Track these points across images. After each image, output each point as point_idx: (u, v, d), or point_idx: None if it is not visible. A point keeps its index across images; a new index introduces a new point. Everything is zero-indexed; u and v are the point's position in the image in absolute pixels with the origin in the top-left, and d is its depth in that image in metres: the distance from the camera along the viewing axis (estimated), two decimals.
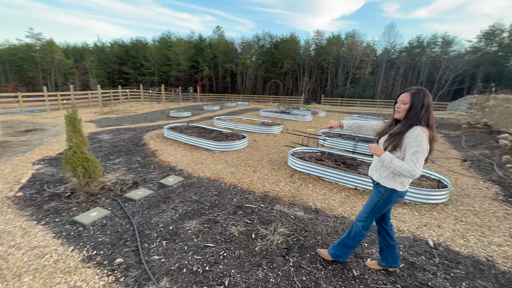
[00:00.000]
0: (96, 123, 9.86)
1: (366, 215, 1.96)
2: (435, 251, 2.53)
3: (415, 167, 1.59)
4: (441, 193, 3.62)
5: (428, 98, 1.67)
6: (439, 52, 33.08)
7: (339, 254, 2.17)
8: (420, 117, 1.66)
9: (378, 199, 1.87)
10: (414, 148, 1.61)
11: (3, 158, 5.17)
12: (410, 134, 1.63)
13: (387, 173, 1.81)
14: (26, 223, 2.80)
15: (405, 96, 1.70)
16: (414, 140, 1.61)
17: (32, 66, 38.17)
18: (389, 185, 1.79)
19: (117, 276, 2.05)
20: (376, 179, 1.88)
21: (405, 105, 1.70)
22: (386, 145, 1.76)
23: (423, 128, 1.63)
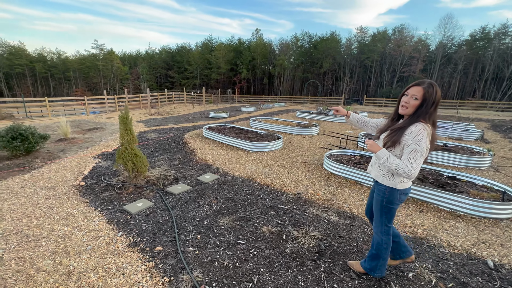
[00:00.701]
0: (145, 123, 10.86)
1: (378, 221, 1.86)
2: (496, 274, 2.18)
3: (411, 167, 1.50)
4: (507, 207, 3.10)
5: (439, 93, 1.53)
6: (511, 44, 28.32)
7: (370, 268, 2.00)
8: (429, 114, 1.54)
9: (381, 199, 1.77)
10: (412, 147, 1.51)
11: (71, 152, 6.05)
12: (410, 131, 1.53)
13: (385, 171, 1.73)
14: (86, 209, 3.24)
15: (418, 90, 1.54)
16: (413, 139, 1.51)
17: (96, 73, 43.88)
18: (388, 184, 1.70)
19: (156, 262, 2.24)
20: (375, 176, 1.81)
21: (416, 101, 1.55)
22: (385, 141, 1.66)
23: (424, 126, 1.52)
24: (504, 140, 7.99)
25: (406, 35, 33.01)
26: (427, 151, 1.56)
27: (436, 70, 31.36)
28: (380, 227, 1.87)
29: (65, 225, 2.84)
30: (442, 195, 3.35)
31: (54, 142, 7.00)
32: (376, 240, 1.92)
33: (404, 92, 1.63)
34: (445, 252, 2.46)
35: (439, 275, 2.13)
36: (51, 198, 3.52)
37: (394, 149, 1.63)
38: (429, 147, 1.56)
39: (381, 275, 2.01)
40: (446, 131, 8.57)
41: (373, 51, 32.74)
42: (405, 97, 1.61)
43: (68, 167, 4.87)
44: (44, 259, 2.27)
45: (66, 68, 45.45)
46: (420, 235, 2.75)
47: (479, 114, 15.78)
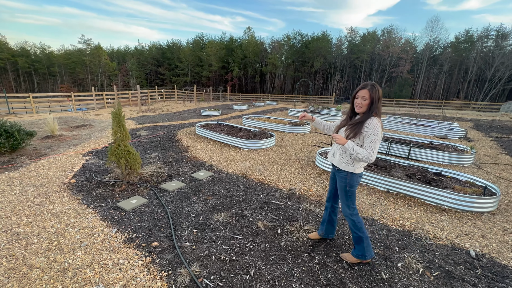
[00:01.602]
0: (135, 120, 10.68)
1: (345, 205, 2.14)
2: (477, 262, 2.32)
3: (372, 153, 1.84)
4: (488, 201, 3.29)
5: (381, 92, 1.91)
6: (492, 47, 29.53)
7: (362, 253, 2.15)
8: (377, 109, 1.90)
9: (344, 184, 2.08)
10: (372, 137, 1.84)
11: (59, 149, 5.90)
12: (369, 124, 1.87)
13: (347, 159, 2.03)
14: (78, 206, 3.19)
15: (365, 92, 1.89)
16: (372, 130, 1.85)
17: (82, 69, 42.55)
18: (349, 169, 2.02)
19: (153, 257, 2.25)
20: (337, 164, 2.09)
21: (366, 101, 1.90)
22: (347, 133, 1.98)
23: (378, 119, 1.88)
24: (485, 138, 8.37)
25: (395, 36, 33.83)
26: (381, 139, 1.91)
27: (423, 71, 32.31)
28: (348, 210, 2.14)
29: (57, 223, 2.79)
30: (429, 191, 3.51)
31: (41, 139, 6.79)
32: (350, 224, 2.16)
33: (355, 95, 1.96)
34: (431, 244, 2.59)
35: (425, 265, 2.25)
36: (40, 196, 3.44)
37: (355, 139, 1.95)
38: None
39: (371, 256, 2.17)
40: (432, 130, 8.89)
41: (363, 51, 33.35)
42: (357, 99, 1.94)
43: (57, 165, 4.75)
44: (37, 256, 2.23)
45: (51, 63, 43.85)
46: (408, 228, 2.88)
47: (463, 114, 16.42)
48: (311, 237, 2.56)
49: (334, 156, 2.13)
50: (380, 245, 2.51)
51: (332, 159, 2.17)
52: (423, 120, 10.98)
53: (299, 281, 2.01)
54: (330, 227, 2.45)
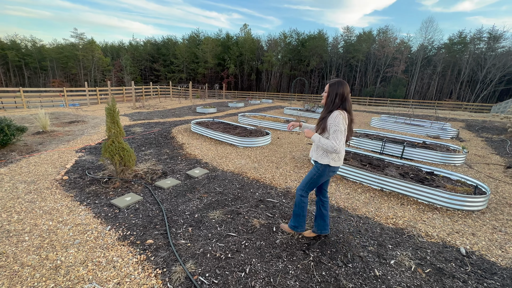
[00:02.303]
0: (130, 117, 10.55)
1: (303, 185, 2.35)
2: (467, 259, 2.38)
3: (335, 143, 1.99)
4: (478, 200, 3.36)
5: (343, 88, 2.04)
6: (484, 49, 30.05)
7: (295, 225, 2.47)
8: (336, 104, 2.04)
9: (314, 173, 2.27)
10: (334, 128, 2.01)
11: (51, 145, 5.79)
12: (330, 117, 2.04)
13: (321, 152, 2.19)
14: (71, 203, 3.14)
15: (327, 87, 2.09)
16: (333, 122, 2.01)
17: (75, 64, 41.69)
18: (324, 162, 2.17)
19: (148, 255, 2.23)
20: (315, 158, 2.26)
21: (325, 94, 2.11)
22: (317, 129, 2.17)
23: (340, 111, 2.02)
24: (476, 139, 8.54)
25: (390, 36, 34.10)
26: (345, 131, 2.06)
27: (417, 71, 32.71)
28: (302, 190, 2.35)
29: (49, 220, 2.75)
30: (421, 189, 3.57)
31: (32, 134, 6.66)
32: (297, 201, 2.39)
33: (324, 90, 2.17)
34: (423, 241, 2.64)
35: (418, 262, 2.29)
36: (32, 193, 3.38)
37: (325, 134, 2.10)
38: (346, 128, 2.07)
39: (302, 231, 2.50)
40: (425, 130, 9.02)
41: (359, 50, 33.55)
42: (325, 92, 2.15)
43: (49, 161, 4.67)
44: (29, 254, 2.20)
45: (42, 57, 42.84)
46: (401, 226, 2.93)
47: (455, 115, 16.70)
48: (306, 235, 2.59)
49: (313, 151, 2.32)
50: (373, 243, 2.54)
51: (311, 154, 2.35)
52: (416, 120, 11.13)
53: (294, 278, 2.03)
54: (322, 222, 2.51)
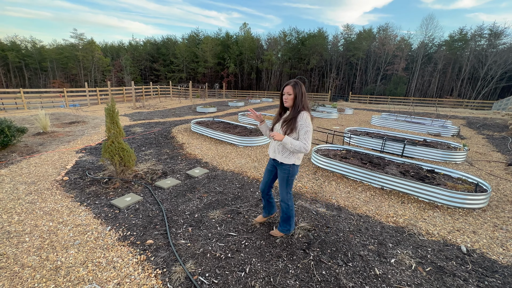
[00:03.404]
0: (130, 117, 10.55)
1: (285, 194, 2.35)
2: (468, 258, 2.37)
3: (307, 143, 2.04)
4: (479, 198, 3.35)
5: (303, 87, 2.13)
6: (485, 46, 29.86)
7: (288, 228, 2.49)
8: (303, 103, 2.10)
9: (286, 175, 2.28)
10: (305, 129, 2.05)
11: (52, 146, 5.79)
12: (301, 118, 2.07)
13: (288, 153, 2.22)
14: (71, 204, 3.14)
15: (289, 88, 2.09)
16: (304, 122, 2.05)
17: (75, 64, 41.66)
18: (291, 162, 2.22)
19: (148, 255, 2.23)
20: (280, 160, 2.25)
21: (291, 96, 2.10)
22: (284, 130, 2.14)
23: (307, 113, 2.09)
24: (477, 136, 8.51)
25: (390, 34, 33.93)
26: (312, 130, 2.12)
27: (417, 69, 32.57)
28: (286, 196, 2.35)
29: (50, 221, 2.75)
30: (422, 187, 3.56)
31: (32, 135, 6.66)
32: (284, 207, 2.39)
33: (282, 92, 2.15)
34: (424, 240, 2.63)
35: (418, 260, 2.29)
36: (32, 194, 3.38)
37: (292, 134, 2.12)
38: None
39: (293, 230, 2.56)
40: (426, 128, 8.99)
41: (359, 48, 33.41)
42: (284, 95, 2.14)
43: (49, 162, 4.67)
44: (29, 255, 2.20)
45: (42, 58, 42.84)
46: (401, 225, 2.92)
47: (456, 112, 16.65)
48: (258, 220, 2.78)
49: (276, 152, 2.29)
50: (374, 242, 2.54)
51: (274, 156, 2.32)
52: (417, 118, 11.10)
53: (294, 277, 2.02)
54: (271, 207, 2.71)
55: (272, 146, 2.35)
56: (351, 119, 12.00)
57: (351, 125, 9.92)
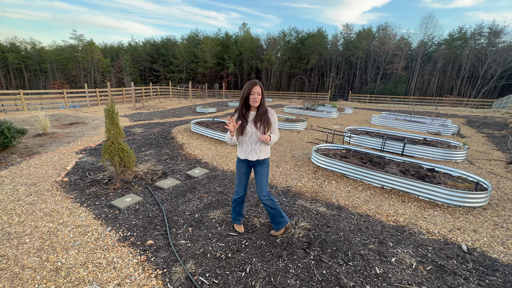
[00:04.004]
0: (130, 118, 10.55)
1: (266, 186, 2.41)
2: (469, 256, 2.37)
3: (278, 134, 2.35)
4: (480, 196, 3.35)
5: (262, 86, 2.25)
6: (485, 44, 29.84)
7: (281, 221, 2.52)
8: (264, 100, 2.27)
9: (267, 169, 2.40)
10: (276, 123, 2.31)
11: (52, 147, 5.79)
12: (271, 114, 2.28)
13: (268, 148, 2.38)
14: (71, 205, 3.14)
15: (258, 88, 2.16)
16: (275, 118, 2.29)
17: (75, 65, 41.68)
18: (268, 156, 2.40)
19: (148, 256, 2.23)
20: (264, 156, 2.35)
21: (260, 96, 2.18)
22: (264, 129, 2.24)
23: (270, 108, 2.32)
24: (477, 135, 8.50)
25: (390, 33, 33.91)
26: None
27: (417, 68, 32.55)
28: (267, 191, 2.41)
29: (50, 222, 2.75)
30: (422, 186, 3.56)
31: (32, 137, 6.67)
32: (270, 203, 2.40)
33: (250, 92, 2.15)
34: (424, 239, 2.63)
35: (419, 259, 2.28)
36: (32, 195, 3.38)
37: (269, 131, 2.28)
38: None
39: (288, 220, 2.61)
40: (426, 126, 8.99)
41: (358, 48, 33.39)
42: (252, 95, 2.15)
43: (49, 163, 4.67)
44: (29, 256, 2.20)
45: (42, 59, 42.84)
46: (401, 223, 2.92)
47: (456, 111, 16.63)
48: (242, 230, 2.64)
49: (258, 153, 2.30)
50: (374, 241, 2.53)
51: (257, 157, 2.31)
52: (417, 117, 11.10)
53: (295, 277, 2.02)
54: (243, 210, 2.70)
55: (250, 149, 2.29)
56: (351, 118, 12.00)
57: (351, 125, 9.91)
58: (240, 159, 2.39)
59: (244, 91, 2.16)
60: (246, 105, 2.22)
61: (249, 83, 2.15)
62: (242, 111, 2.23)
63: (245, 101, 2.19)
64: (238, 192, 2.49)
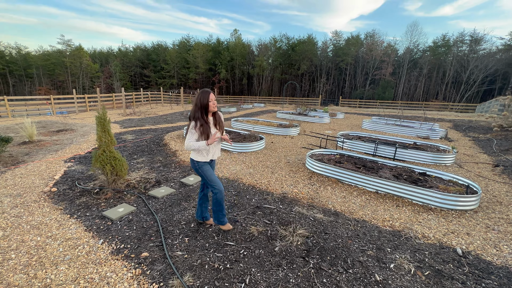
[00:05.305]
0: (120, 124, 10.34)
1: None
2: (464, 260, 2.40)
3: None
4: (470, 199, 3.43)
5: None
6: (467, 51, 31.20)
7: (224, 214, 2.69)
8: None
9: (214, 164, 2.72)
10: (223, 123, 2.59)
11: (38, 155, 5.59)
12: (222, 116, 2.59)
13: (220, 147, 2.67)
14: (60, 216, 3.02)
15: (213, 96, 2.40)
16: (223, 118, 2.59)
17: (62, 71, 40.73)
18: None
19: (143, 269, 2.15)
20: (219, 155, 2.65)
21: (215, 103, 2.43)
22: (222, 130, 2.56)
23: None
24: (464, 138, 8.78)
25: (377, 40, 34.95)
26: None
27: (404, 73, 33.57)
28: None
29: (38, 235, 2.62)
30: (415, 190, 3.61)
31: (18, 145, 6.42)
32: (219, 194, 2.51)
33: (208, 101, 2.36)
34: (420, 243, 2.65)
35: (417, 265, 2.30)
36: (18, 207, 3.23)
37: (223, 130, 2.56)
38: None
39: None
40: (415, 131, 9.22)
41: (347, 54, 34.21)
42: (211, 102, 2.37)
43: (36, 172, 4.49)
44: (15, 273, 2.08)
45: (28, 65, 41.69)
46: (397, 228, 2.94)
47: (442, 115, 17.17)
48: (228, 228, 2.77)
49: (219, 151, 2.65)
50: (372, 247, 2.54)
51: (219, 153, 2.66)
52: (406, 121, 11.38)
53: (295, 286, 1.99)
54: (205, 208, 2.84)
55: (215, 149, 2.58)
56: (343, 123, 12.18)
57: (343, 129, 10.06)
58: (204, 162, 2.51)
59: (202, 100, 2.34)
60: (205, 112, 2.40)
61: (205, 93, 2.36)
62: (204, 118, 2.38)
63: (205, 109, 2.38)
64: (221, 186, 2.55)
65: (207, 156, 2.50)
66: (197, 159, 2.47)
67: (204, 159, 2.48)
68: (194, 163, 2.50)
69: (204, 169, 2.50)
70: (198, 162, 2.48)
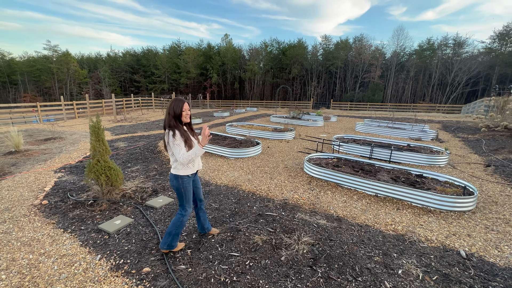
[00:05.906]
0: (111, 131, 10.09)
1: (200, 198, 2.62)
2: (469, 262, 2.41)
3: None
4: (468, 200, 3.48)
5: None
6: (451, 54, 32.39)
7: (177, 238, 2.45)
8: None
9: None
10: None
11: (26, 166, 5.35)
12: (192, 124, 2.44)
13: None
14: (53, 231, 2.87)
15: (187, 105, 2.28)
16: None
17: (49, 77, 39.66)
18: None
19: (146, 285, 2.05)
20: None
21: (189, 112, 2.31)
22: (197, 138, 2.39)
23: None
24: (454, 139, 9.02)
25: (365, 44, 35.79)
26: None
27: (392, 76, 34.44)
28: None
29: (29, 253, 2.48)
30: (414, 193, 3.64)
31: (3, 155, 6.14)
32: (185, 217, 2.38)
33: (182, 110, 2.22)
34: (424, 247, 2.66)
35: (424, 269, 2.29)
36: (7, 222, 3.05)
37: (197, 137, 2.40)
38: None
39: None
40: (407, 133, 9.40)
41: (337, 58, 34.84)
42: (184, 111, 2.23)
43: (24, 184, 4.29)
44: None
45: (12, 71, 40.45)
46: (400, 232, 2.94)
47: (431, 116, 17.64)
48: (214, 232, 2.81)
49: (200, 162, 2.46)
50: (378, 252, 2.52)
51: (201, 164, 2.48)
52: (398, 123, 11.60)
53: None
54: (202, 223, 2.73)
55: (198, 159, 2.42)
56: (336, 126, 12.30)
57: (337, 133, 10.15)
58: (188, 176, 2.28)
59: (174, 110, 2.19)
60: (179, 122, 2.26)
61: (179, 102, 2.21)
62: (182, 127, 2.25)
63: (178, 119, 2.23)
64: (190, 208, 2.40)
65: (194, 167, 2.32)
66: (183, 173, 2.24)
67: (191, 171, 2.28)
68: (178, 179, 2.24)
69: (187, 187, 2.29)
70: (182, 178, 2.25)
